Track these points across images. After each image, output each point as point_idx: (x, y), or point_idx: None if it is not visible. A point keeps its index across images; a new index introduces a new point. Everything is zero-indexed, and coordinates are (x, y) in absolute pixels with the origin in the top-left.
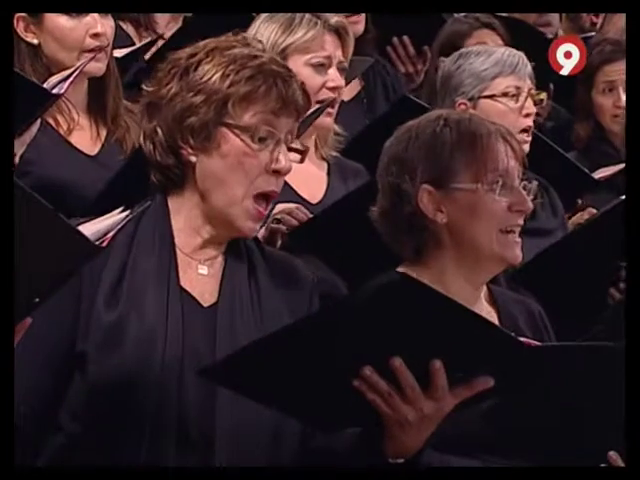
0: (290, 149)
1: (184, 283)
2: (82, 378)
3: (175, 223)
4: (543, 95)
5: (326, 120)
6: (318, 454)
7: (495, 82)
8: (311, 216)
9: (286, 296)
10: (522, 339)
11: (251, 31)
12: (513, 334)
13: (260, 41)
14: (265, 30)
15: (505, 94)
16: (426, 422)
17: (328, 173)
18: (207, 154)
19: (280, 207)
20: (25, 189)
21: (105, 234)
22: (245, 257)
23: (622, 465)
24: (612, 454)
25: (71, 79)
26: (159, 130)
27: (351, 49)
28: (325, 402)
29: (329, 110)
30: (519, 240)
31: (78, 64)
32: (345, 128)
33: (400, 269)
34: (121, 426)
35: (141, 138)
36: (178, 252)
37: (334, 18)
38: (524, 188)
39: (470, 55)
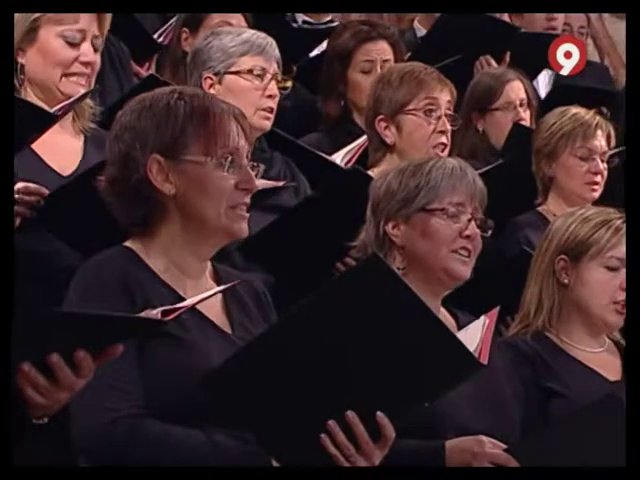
0: None
1: None
2: None
3: None
4: (289, 83)
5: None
6: None
7: (242, 60)
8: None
9: None
10: None
11: None
12: None
13: None
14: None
15: (250, 71)
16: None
17: (85, 145)
18: None
19: (20, 185)
20: None
21: None
22: None
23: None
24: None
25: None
26: None
27: (107, 26)
28: None
29: (82, 82)
30: (246, 215)
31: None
32: None
33: (127, 243)
34: None
35: None
36: None
37: None
38: (252, 168)
39: (221, 33)
